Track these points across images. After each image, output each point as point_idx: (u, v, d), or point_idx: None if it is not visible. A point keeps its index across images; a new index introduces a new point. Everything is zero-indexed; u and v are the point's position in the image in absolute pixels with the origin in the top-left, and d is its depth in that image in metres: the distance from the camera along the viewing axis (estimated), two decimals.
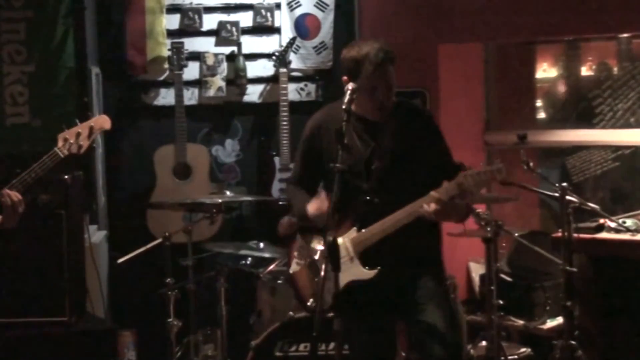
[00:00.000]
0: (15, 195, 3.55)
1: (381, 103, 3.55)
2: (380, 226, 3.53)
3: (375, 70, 3.48)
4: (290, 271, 3.79)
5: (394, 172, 3.59)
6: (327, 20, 5.79)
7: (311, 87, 5.84)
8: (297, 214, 3.78)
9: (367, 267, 3.54)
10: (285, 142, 5.56)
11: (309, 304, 3.64)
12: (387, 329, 3.75)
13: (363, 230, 3.57)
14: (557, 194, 4.29)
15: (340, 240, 3.55)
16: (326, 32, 5.79)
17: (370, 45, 3.52)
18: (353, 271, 3.55)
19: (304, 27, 5.77)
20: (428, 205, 3.41)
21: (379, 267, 3.53)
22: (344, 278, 3.52)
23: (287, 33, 5.75)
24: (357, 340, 3.68)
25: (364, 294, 3.58)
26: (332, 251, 3.12)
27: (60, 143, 3.65)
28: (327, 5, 5.78)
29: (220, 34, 5.77)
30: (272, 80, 5.78)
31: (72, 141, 3.64)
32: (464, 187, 3.38)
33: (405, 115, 3.65)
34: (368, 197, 3.57)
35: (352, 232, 3.59)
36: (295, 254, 3.78)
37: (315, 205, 3.59)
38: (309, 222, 3.65)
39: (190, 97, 5.77)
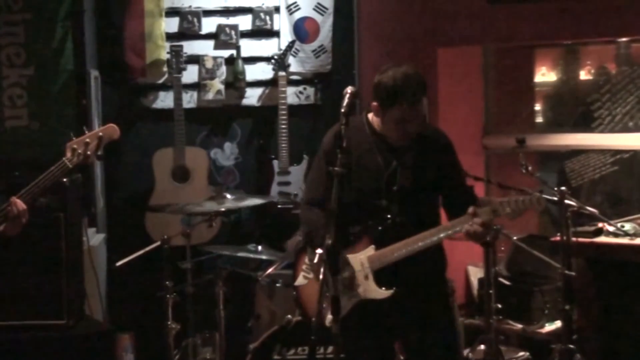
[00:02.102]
0: (21, 205, 3.54)
1: (409, 134, 3.54)
2: (403, 247, 3.50)
3: (410, 106, 3.46)
4: (296, 284, 3.74)
5: (415, 194, 3.58)
6: (326, 24, 5.79)
7: (310, 90, 5.84)
8: (312, 241, 3.64)
9: (383, 288, 3.51)
10: (284, 145, 5.56)
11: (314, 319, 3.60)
12: (388, 344, 3.73)
13: (382, 250, 3.54)
14: (555, 198, 4.30)
15: (356, 256, 3.55)
16: (325, 35, 5.80)
17: (406, 77, 3.45)
18: (367, 290, 3.53)
19: (303, 30, 5.77)
20: (470, 226, 3.40)
21: (394, 288, 3.50)
22: (357, 296, 3.54)
23: (286, 36, 5.75)
24: (357, 353, 3.63)
25: (371, 312, 3.56)
26: (331, 255, 3.08)
27: (68, 153, 3.60)
28: (326, 8, 5.78)
29: (219, 37, 5.77)
30: (271, 83, 5.78)
31: (80, 151, 3.60)
32: (497, 214, 3.39)
33: (427, 139, 3.64)
34: (389, 216, 3.56)
35: (370, 250, 3.56)
36: (304, 267, 3.73)
37: None
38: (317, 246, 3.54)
39: (189, 100, 5.77)
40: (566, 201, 4.28)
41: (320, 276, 3.10)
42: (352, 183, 3.43)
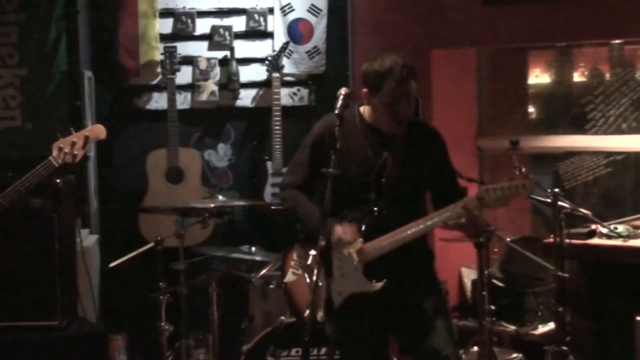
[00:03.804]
0: None
1: (400, 118, 3.54)
2: (390, 238, 3.50)
3: (398, 86, 3.47)
4: (285, 280, 3.74)
5: (404, 186, 3.59)
6: (320, 25, 5.79)
7: (304, 91, 5.84)
8: (309, 227, 3.63)
9: (374, 281, 3.51)
10: (277, 146, 5.56)
11: (305, 315, 3.59)
12: (381, 339, 3.72)
13: (370, 242, 3.53)
14: (549, 200, 4.30)
15: (345, 250, 3.55)
16: (319, 37, 5.80)
17: (394, 60, 3.49)
18: (357, 283, 3.52)
19: (297, 32, 5.77)
20: (457, 214, 3.39)
21: (385, 280, 3.49)
22: (347, 289, 3.53)
23: (280, 38, 5.75)
24: (351, 349, 3.64)
25: (362, 305, 3.55)
26: (325, 257, 3.08)
27: (54, 152, 3.61)
28: (320, 10, 5.78)
29: (213, 39, 5.77)
30: (265, 84, 5.78)
31: (67, 150, 3.61)
32: (484, 203, 3.36)
33: (418, 133, 3.65)
34: (376, 208, 3.56)
35: (358, 243, 3.55)
36: (292, 263, 3.72)
37: (345, 229, 3.52)
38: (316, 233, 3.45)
39: (183, 101, 5.76)
40: (559, 203, 4.28)
41: (314, 277, 3.09)
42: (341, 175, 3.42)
